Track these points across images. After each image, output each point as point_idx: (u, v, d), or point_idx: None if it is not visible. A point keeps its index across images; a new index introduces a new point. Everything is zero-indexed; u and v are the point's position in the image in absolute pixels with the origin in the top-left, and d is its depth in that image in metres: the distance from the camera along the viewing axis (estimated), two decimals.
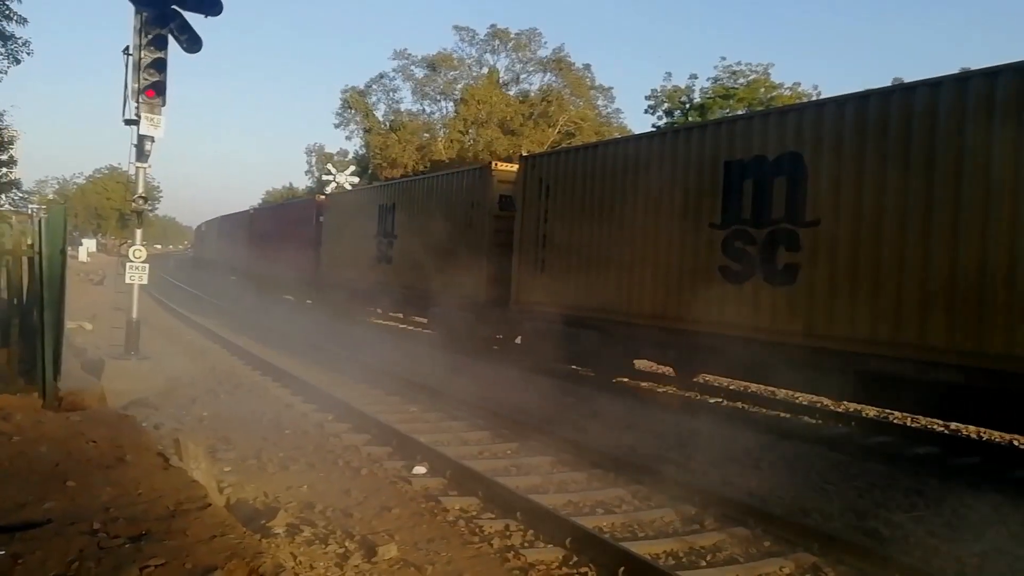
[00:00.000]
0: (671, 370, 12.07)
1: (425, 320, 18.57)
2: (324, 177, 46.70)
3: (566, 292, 11.97)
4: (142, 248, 10.50)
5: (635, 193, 10.80)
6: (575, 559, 4.96)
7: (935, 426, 9.67)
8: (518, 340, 14.67)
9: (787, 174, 8.53)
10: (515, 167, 14.12)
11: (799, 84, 35.06)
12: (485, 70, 44.74)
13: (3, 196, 37.10)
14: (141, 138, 10.06)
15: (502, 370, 12.67)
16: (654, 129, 29.47)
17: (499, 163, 15.16)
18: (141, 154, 10.20)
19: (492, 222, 14.22)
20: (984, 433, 9.23)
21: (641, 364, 12.55)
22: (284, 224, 27.55)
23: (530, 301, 12.93)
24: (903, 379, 7.49)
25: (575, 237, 11.83)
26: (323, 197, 25.37)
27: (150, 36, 9.70)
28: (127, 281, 10.38)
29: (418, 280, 16.42)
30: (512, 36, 43.99)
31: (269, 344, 15.49)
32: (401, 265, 17.61)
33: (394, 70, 45.65)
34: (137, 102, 9.84)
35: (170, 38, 9.84)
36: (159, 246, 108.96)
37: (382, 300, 19.00)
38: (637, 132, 30.23)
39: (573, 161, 12.26)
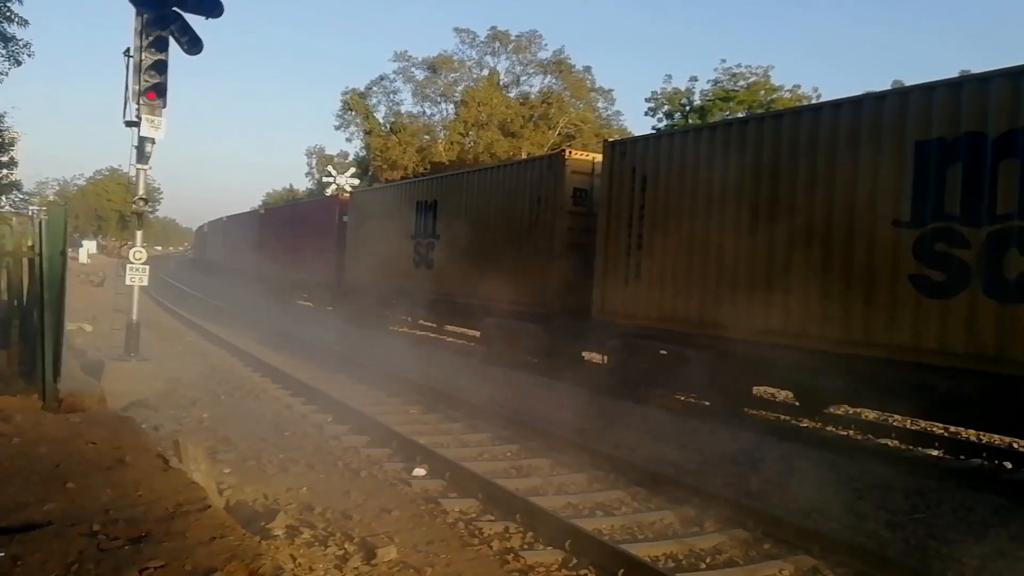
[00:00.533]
0: (791, 398, 10.29)
1: (463, 330, 17.29)
2: (324, 179, 46.76)
3: (671, 304, 9.92)
4: (142, 250, 10.51)
5: (772, 184, 8.68)
6: None
7: None
8: (599, 357, 12.64)
9: (1022, 156, 6.56)
10: (591, 156, 12.58)
11: (799, 86, 35.13)
12: (485, 72, 44.85)
13: (4, 197, 37.12)
14: (142, 140, 10.07)
15: (594, 398, 10.33)
16: (801, 105, 24.20)
17: (574, 151, 13.01)
18: (142, 156, 10.20)
19: (565, 220, 12.29)
20: None
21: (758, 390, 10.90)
22: (301, 224, 25.60)
23: (620, 313, 10.86)
24: None
25: (682, 238, 9.81)
26: (347, 194, 23.05)
27: (151, 38, 9.71)
28: (127, 283, 10.38)
29: (466, 287, 14.56)
30: (512, 38, 44.13)
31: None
32: (444, 269, 15.57)
33: (394, 72, 45.83)
34: (138, 104, 9.85)
35: (171, 40, 9.84)
36: (159, 248, 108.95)
37: (419, 308, 16.92)
38: (637, 133, 30.10)
39: (680, 147, 10.16)
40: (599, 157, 12.08)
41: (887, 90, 8.31)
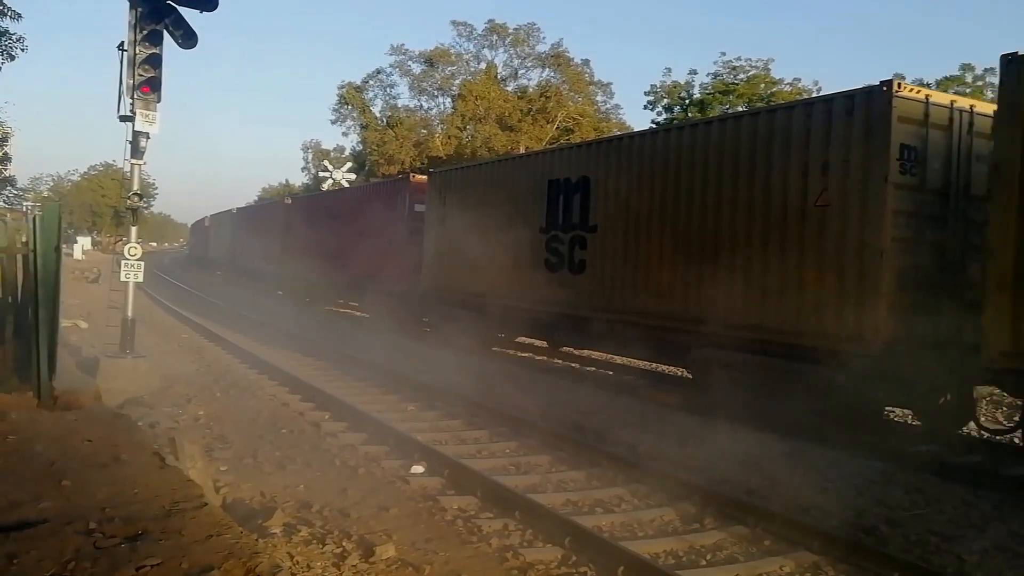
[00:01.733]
0: None
1: (599, 355, 13.40)
2: (321, 174, 46.59)
3: None
4: (137, 245, 10.45)
5: None
6: None
7: None
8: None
9: None
10: (923, 93, 8.05)
11: (799, 80, 34.84)
12: (483, 65, 44.65)
13: None
14: (136, 134, 10.00)
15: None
16: None
17: (902, 84, 7.91)
18: (136, 151, 10.14)
19: (890, 198, 7.69)
20: None
21: None
22: (350, 216, 20.99)
23: None
24: None
25: None
26: (422, 178, 17.98)
27: (145, 32, 9.64)
28: (122, 279, 10.32)
29: (655, 301, 10.29)
30: (510, 31, 43.88)
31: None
32: (607, 274, 11.21)
33: (391, 66, 45.47)
34: (132, 98, 9.78)
35: (165, 33, 9.78)
36: (154, 243, 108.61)
37: (552, 327, 12.53)
38: (638, 129, 29.55)
39: None
40: (935, 95, 8.17)
41: None
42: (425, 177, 17.66)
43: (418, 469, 6.83)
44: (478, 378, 10.98)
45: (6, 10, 22.91)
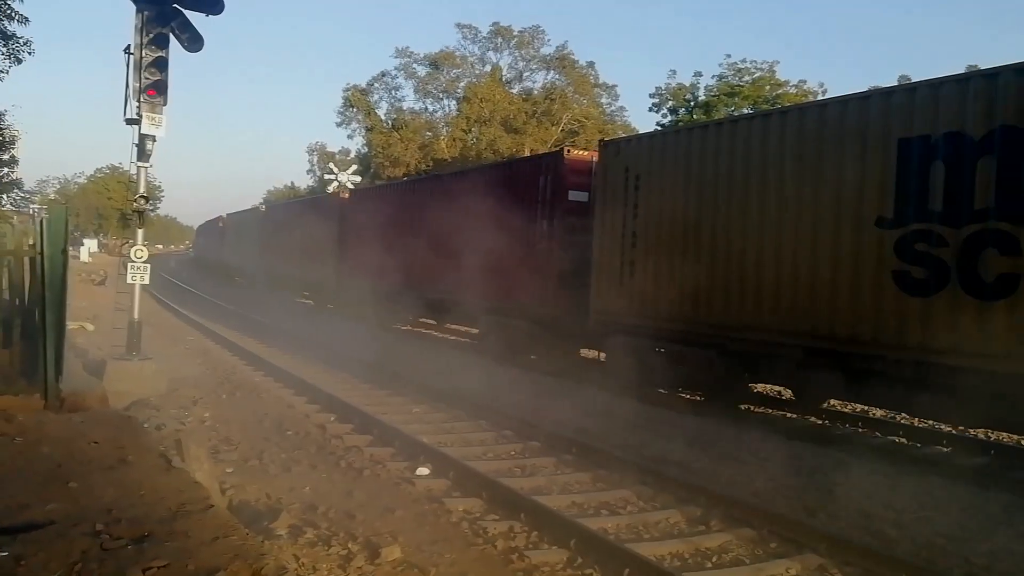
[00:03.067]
0: None
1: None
2: (326, 176, 46.72)
3: None
4: (144, 248, 10.47)
5: None
6: None
7: None
8: None
9: None
10: None
11: (805, 82, 34.62)
12: (488, 68, 44.74)
13: (4, 196, 37.09)
14: (142, 137, 10.03)
15: None
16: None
17: None
18: (142, 153, 10.17)
19: None
20: None
21: None
22: (447, 211, 15.50)
23: None
24: None
25: None
26: (584, 153, 12.99)
27: (151, 35, 9.68)
28: (128, 281, 10.34)
29: None
30: (515, 34, 43.97)
31: None
32: None
33: (396, 68, 45.58)
34: (138, 101, 9.82)
35: (171, 37, 9.81)
36: (160, 246, 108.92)
37: (927, 387, 7.36)
38: (641, 132, 29.32)
39: None
40: None
41: None
42: (588, 152, 12.78)
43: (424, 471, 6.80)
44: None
45: (13, 14, 23.04)
